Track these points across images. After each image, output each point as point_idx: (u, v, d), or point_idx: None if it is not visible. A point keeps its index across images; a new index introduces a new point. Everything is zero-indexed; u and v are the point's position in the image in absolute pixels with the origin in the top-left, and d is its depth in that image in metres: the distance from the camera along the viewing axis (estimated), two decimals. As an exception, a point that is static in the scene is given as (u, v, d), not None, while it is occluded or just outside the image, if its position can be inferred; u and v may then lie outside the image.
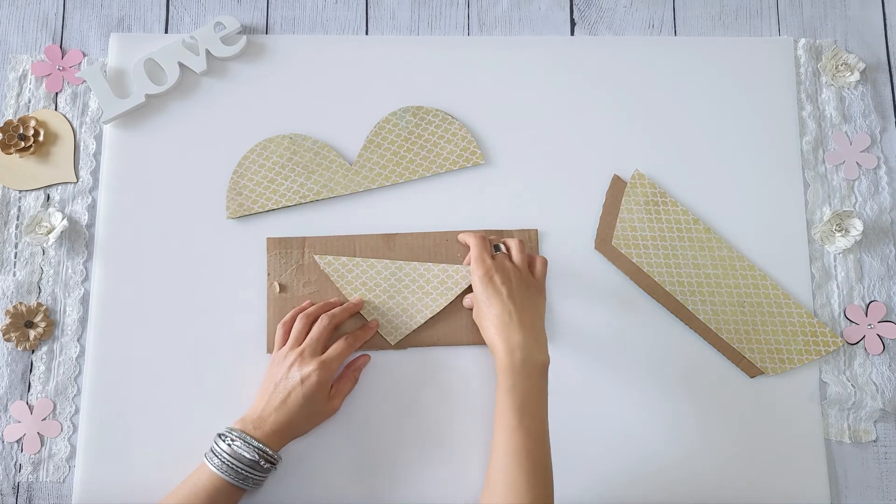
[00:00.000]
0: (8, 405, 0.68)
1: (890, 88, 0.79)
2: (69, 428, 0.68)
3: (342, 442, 0.67)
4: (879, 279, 0.74)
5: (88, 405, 0.68)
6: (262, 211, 0.72)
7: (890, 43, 0.80)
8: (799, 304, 0.72)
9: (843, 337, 0.72)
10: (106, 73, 0.74)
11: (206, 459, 0.60)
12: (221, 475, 0.59)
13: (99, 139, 0.74)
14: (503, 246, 0.68)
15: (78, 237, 0.72)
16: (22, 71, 0.75)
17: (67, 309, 0.70)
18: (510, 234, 0.72)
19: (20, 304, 0.70)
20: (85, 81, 0.75)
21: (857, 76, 0.77)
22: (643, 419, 0.69)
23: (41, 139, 0.73)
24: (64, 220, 0.70)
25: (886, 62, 0.79)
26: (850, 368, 0.72)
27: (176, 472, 0.62)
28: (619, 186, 0.74)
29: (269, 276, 0.70)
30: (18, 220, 0.72)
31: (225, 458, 0.59)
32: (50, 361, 0.69)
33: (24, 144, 0.72)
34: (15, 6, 0.77)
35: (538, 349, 0.61)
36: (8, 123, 0.72)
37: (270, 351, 0.68)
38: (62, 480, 0.67)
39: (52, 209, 0.71)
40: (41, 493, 0.67)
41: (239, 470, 0.59)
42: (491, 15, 0.79)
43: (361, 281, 0.70)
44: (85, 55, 0.76)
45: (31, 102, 0.75)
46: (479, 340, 0.67)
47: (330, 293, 0.70)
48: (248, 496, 0.64)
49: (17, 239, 0.72)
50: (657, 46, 0.78)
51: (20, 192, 0.73)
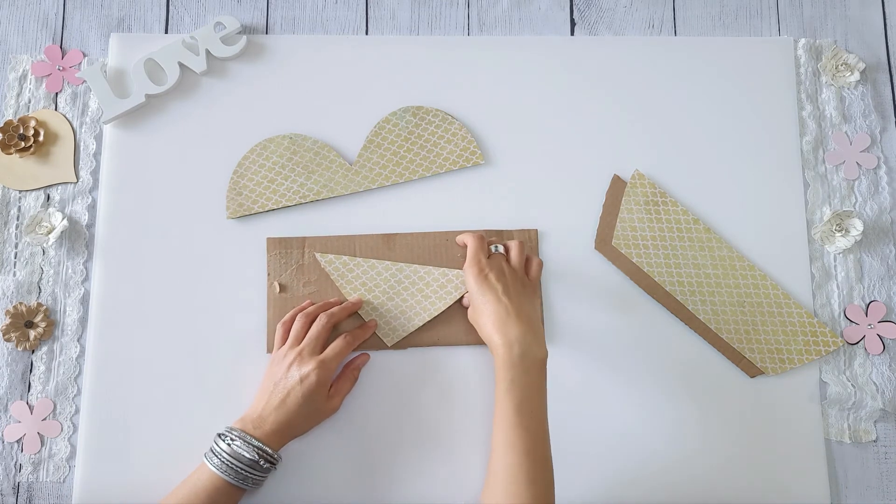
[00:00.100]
0: (8, 405, 0.68)
1: (890, 88, 0.79)
2: (69, 428, 0.68)
3: (342, 442, 0.67)
4: (879, 279, 0.74)
5: (88, 405, 0.67)
6: (262, 211, 0.72)
7: (890, 43, 0.80)
8: (799, 304, 0.72)
9: (843, 337, 0.72)
10: (106, 73, 0.74)
11: (205, 459, 0.60)
12: (221, 475, 0.59)
13: (99, 139, 0.74)
14: (502, 247, 0.68)
15: (78, 237, 0.72)
16: (22, 71, 0.75)
17: (67, 309, 0.70)
18: (510, 234, 0.72)
19: (20, 304, 0.70)
20: (85, 81, 0.75)
21: (857, 76, 0.77)
22: (643, 419, 0.69)
23: (41, 139, 0.73)
24: (64, 220, 0.70)
25: (886, 62, 0.79)
26: (850, 368, 0.72)
27: (176, 472, 0.62)
28: (619, 186, 0.74)
29: (269, 276, 0.70)
30: (18, 220, 0.72)
31: (225, 457, 0.59)
32: (50, 361, 0.69)
33: (24, 144, 0.72)
34: (15, 6, 0.77)
35: (536, 343, 0.61)
36: (8, 123, 0.72)
37: (270, 351, 0.68)
38: (62, 480, 0.67)
39: (52, 209, 0.71)
40: (41, 493, 0.67)
41: (239, 470, 0.59)
42: (491, 15, 0.79)
43: (361, 281, 0.70)
44: (85, 55, 0.76)
45: (31, 102, 0.75)
46: (478, 340, 0.67)
47: (330, 293, 0.70)
48: (248, 496, 0.64)
49: (17, 239, 0.72)
50: (657, 46, 0.78)
51: (20, 192, 0.73)
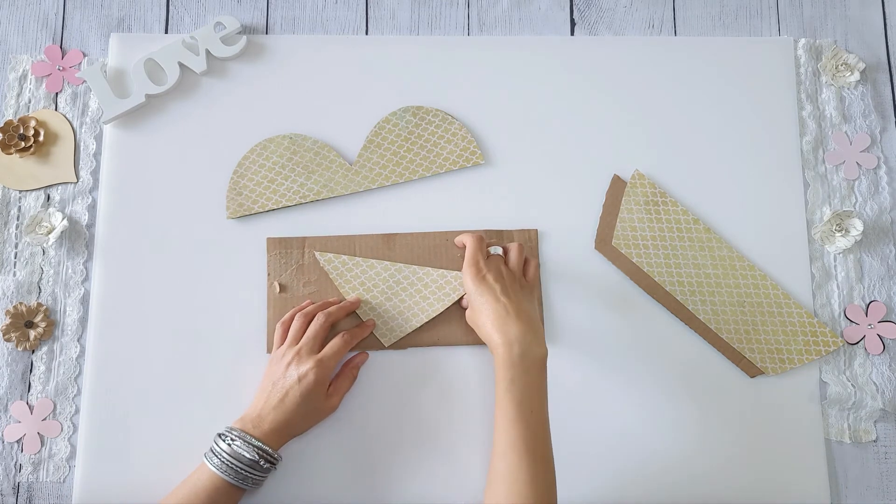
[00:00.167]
0: (8, 405, 0.68)
1: (890, 88, 0.79)
2: (69, 428, 0.68)
3: (342, 442, 0.67)
4: (879, 279, 0.74)
5: (88, 405, 0.67)
6: (262, 211, 0.72)
7: (890, 43, 0.80)
8: (799, 304, 0.72)
9: (843, 337, 0.72)
10: (106, 73, 0.74)
11: (205, 459, 0.60)
12: (221, 475, 0.59)
13: (99, 139, 0.74)
14: (500, 249, 0.68)
15: (78, 237, 0.72)
16: (22, 71, 0.75)
17: (67, 309, 0.70)
18: (510, 234, 0.72)
19: (20, 304, 0.70)
20: (85, 81, 0.75)
21: (857, 76, 0.77)
22: (643, 419, 0.69)
23: (41, 139, 0.73)
24: (64, 220, 0.70)
25: (886, 62, 0.79)
26: (850, 368, 0.72)
27: (176, 472, 0.62)
28: (619, 186, 0.74)
29: (269, 276, 0.70)
30: (18, 220, 0.72)
31: (224, 457, 0.59)
32: (50, 361, 0.69)
33: (24, 144, 0.72)
34: (15, 6, 0.77)
35: (536, 342, 0.61)
36: (8, 123, 0.72)
37: (270, 351, 0.68)
38: (62, 480, 0.67)
39: (52, 209, 0.71)
40: (41, 493, 0.67)
41: (238, 469, 0.59)
42: (491, 15, 0.79)
43: (360, 281, 0.70)
44: (85, 55, 0.76)
45: (31, 102, 0.75)
46: (477, 341, 0.67)
47: (330, 293, 0.70)
48: (247, 496, 0.64)
49: (17, 239, 0.72)
50: (657, 46, 0.78)
51: (20, 192, 0.73)
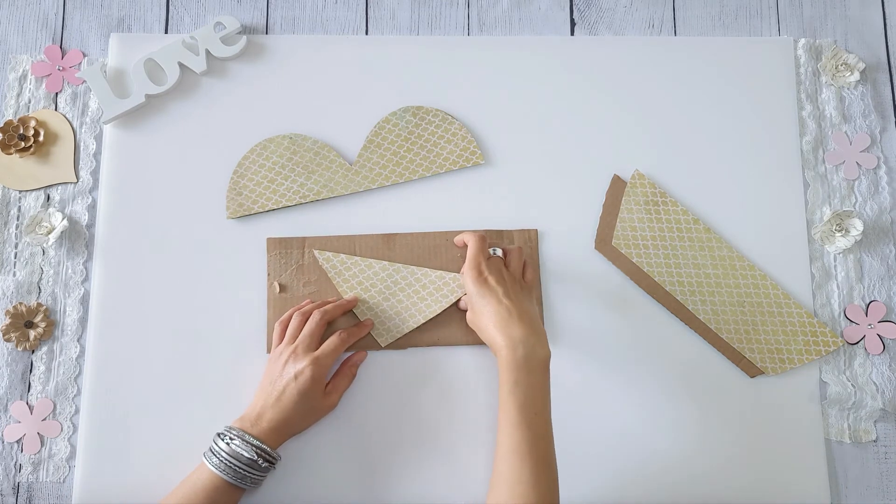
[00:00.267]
0: (8, 405, 0.68)
1: (890, 88, 0.79)
2: (69, 428, 0.68)
3: (341, 442, 0.67)
4: (879, 279, 0.74)
5: (88, 405, 0.67)
6: (262, 211, 0.72)
7: (890, 43, 0.80)
8: (799, 303, 0.72)
9: (843, 337, 0.72)
10: (106, 73, 0.74)
11: (205, 459, 0.60)
12: (220, 474, 0.59)
13: (99, 139, 0.74)
14: (500, 251, 0.68)
15: (78, 237, 0.71)
16: (22, 71, 0.75)
17: (67, 309, 0.70)
18: (510, 234, 0.72)
19: (20, 304, 0.70)
20: (85, 81, 0.75)
21: (857, 76, 0.77)
22: (643, 419, 0.69)
23: (41, 139, 0.73)
24: (64, 220, 0.70)
25: (886, 62, 0.79)
26: (850, 368, 0.72)
27: (176, 472, 0.62)
28: (619, 186, 0.74)
29: (269, 276, 0.70)
30: (18, 220, 0.72)
31: (224, 457, 0.59)
32: (50, 361, 0.69)
33: (24, 144, 0.72)
34: (15, 6, 0.77)
35: (539, 343, 0.61)
36: (8, 123, 0.72)
37: (270, 351, 0.68)
38: (62, 480, 0.67)
39: (52, 209, 0.71)
40: (41, 493, 0.67)
41: (238, 469, 0.59)
42: (491, 15, 0.79)
43: (358, 280, 0.70)
44: (85, 55, 0.76)
45: (31, 102, 0.75)
46: (477, 341, 0.67)
47: (330, 293, 0.70)
48: (247, 496, 0.64)
49: (17, 239, 0.72)
50: (657, 46, 0.78)
51: (20, 192, 0.73)
